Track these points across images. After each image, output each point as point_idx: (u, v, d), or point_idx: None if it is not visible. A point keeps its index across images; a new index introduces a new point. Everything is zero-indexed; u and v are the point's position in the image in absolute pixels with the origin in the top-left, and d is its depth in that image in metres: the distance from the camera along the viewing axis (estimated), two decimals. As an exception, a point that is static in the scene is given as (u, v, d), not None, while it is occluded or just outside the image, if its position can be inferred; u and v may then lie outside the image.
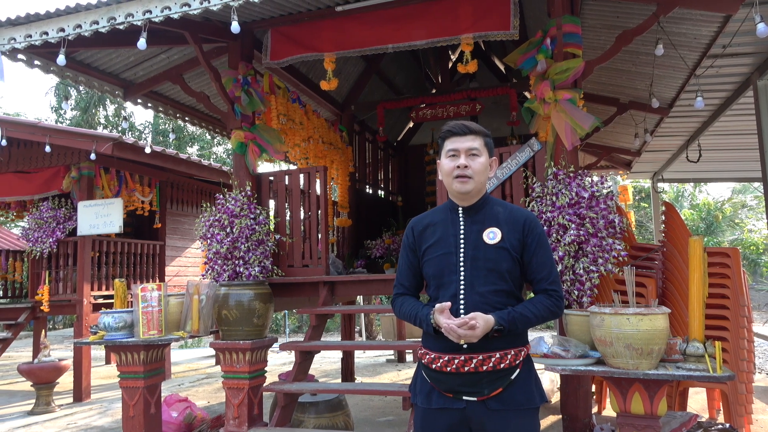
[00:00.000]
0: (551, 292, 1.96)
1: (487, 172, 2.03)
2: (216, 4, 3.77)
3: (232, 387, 4.27)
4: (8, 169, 7.64)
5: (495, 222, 1.99)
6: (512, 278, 1.96)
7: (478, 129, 2.03)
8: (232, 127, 4.98)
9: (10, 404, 7.12)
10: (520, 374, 1.93)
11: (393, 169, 9.12)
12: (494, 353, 1.89)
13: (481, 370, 1.88)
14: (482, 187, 2.04)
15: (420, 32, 4.48)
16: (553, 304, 1.95)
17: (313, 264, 4.93)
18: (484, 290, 1.92)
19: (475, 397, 1.89)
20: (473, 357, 1.88)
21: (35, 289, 7.41)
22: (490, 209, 2.03)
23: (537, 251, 1.97)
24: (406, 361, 9.40)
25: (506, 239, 1.96)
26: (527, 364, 1.97)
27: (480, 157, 2.00)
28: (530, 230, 1.98)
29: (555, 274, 1.99)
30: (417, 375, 2.08)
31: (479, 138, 2.02)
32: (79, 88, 17.80)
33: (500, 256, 1.94)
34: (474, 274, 1.93)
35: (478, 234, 1.98)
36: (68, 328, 18.69)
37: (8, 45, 4.28)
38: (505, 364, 1.89)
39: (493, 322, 1.85)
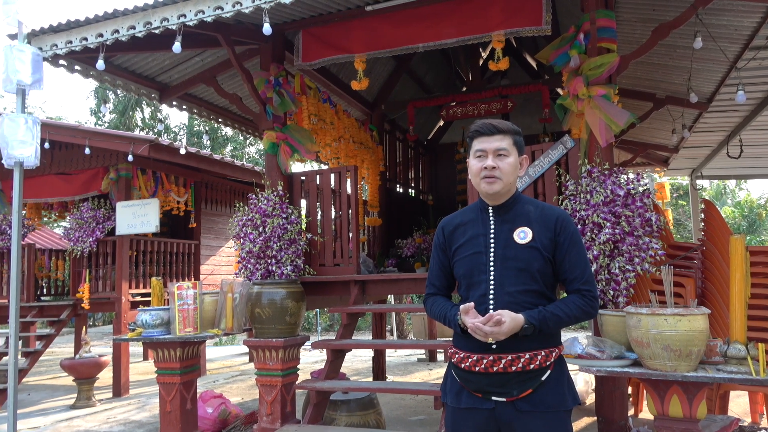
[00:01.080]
0: (585, 292, 1.91)
1: (516, 172, 1.99)
2: (248, 6, 3.83)
3: (265, 384, 4.33)
4: (50, 171, 7.90)
5: (526, 221, 1.96)
6: (543, 278, 1.92)
7: (506, 128, 1.99)
8: (264, 127, 5.05)
9: (54, 398, 7.37)
10: (552, 375, 1.89)
11: (423, 167, 9.09)
12: (524, 354, 1.86)
13: (510, 370, 1.85)
14: (512, 187, 2.00)
15: (450, 30, 4.46)
16: (586, 304, 1.90)
17: (344, 263, 4.95)
18: (514, 290, 1.90)
19: (504, 398, 1.87)
20: (502, 357, 1.86)
21: (76, 287, 7.65)
22: (521, 208, 2.00)
23: (570, 250, 1.93)
24: (437, 361, 9.37)
25: (537, 238, 1.92)
26: (559, 366, 1.93)
27: (508, 157, 1.96)
28: (562, 229, 1.94)
29: (589, 274, 1.94)
30: (447, 374, 2.07)
31: (508, 137, 1.98)
32: (117, 91, 18.31)
33: (531, 256, 1.91)
34: (504, 273, 1.91)
35: (509, 233, 1.95)
36: (108, 325, 19.24)
37: (50, 51, 4.43)
38: (534, 365, 1.86)
39: (522, 320, 1.82)
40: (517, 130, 2.02)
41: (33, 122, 4.17)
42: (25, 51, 4.11)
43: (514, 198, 2.02)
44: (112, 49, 4.50)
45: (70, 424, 5.87)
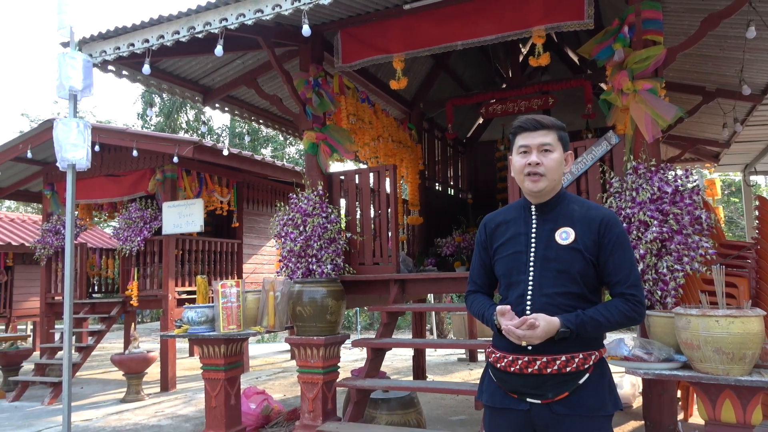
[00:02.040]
0: (629, 296, 1.83)
1: (561, 168, 1.93)
2: (287, 8, 3.88)
3: (306, 381, 4.39)
4: (101, 173, 8.21)
5: (569, 221, 1.90)
6: (585, 281, 1.86)
7: (550, 123, 1.93)
8: (303, 128, 5.11)
9: (105, 392, 7.66)
10: (591, 379, 1.83)
11: (463, 166, 9.02)
12: (560, 356, 1.80)
13: (545, 372, 1.80)
14: (556, 184, 1.94)
15: (489, 27, 4.41)
16: (630, 308, 1.82)
17: (383, 262, 4.96)
18: (552, 292, 1.85)
19: (539, 400, 1.82)
20: (537, 358, 1.81)
21: (126, 285, 7.92)
22: (565, 207, 1.93)
23: (614, 252, 1.85)
24: (477, 361, 9.28)
25: (579, 240, 1.86)
26: (600, 369, 1.86)
27: (553, 152, 1.90)
28: (607, 230, 1.86)
29: (635, 278, 1.85)
30: (485, 373, 2.05)
31: (552, 132, 1.91)
32: (162, 95, 18.85)
33: (572, 258, 1.85)
34: (543, 274, 1.87)
35: (551, 233, 1.90)
36: (155, 321, 19.86)
37: (99, 57, 4.60)
38: (571, 368, 1.80)
39: (558, 324, 1.76)
40: (562, 126, 1.96)
41: (84, 126, 4.33)
42: (77, 58, 4.28)
43: (558, 196, 1.95)
44: (158, 54, 4.64)
45: (121, 417, 6.08)
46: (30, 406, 6.86)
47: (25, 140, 8.00)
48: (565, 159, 1.95)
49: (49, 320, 8.62)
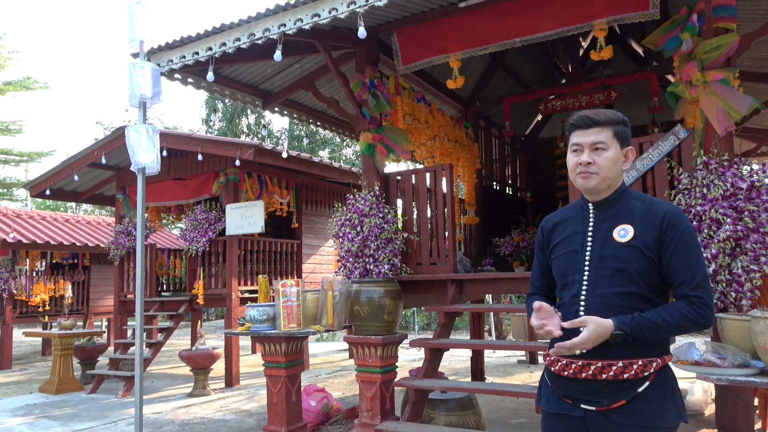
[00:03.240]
0: (693, 298, 1.70)
1: (616, 166, 1.84)
2: (343, 11, 3.93)
3: (365, 380, 4.43)
4: (168, 177, 8.58)
5: (629, 218, 1.81)
6: (645, 280, 1.76)
7: (605, 119, 1.85)
8: (360, 129, 5.16)
9: (173, 386, 8.00)
10: (651, 387, 1.72)
11: (521, 164, 8.85)
12: (616, 361, 1.71)
13: (600, 378, 1.72)
14: (613, 182, 1.86)
15: (549, 22, 4.30)
16: (694, 312, 1.69)
17: (440, 262, 4.94)
18: (608, 292, 1.76)
19: (593, 407, 1.74)
20: (591, 363, 1.73)
21: (192, 284, 8.25)
22: (626, 204, 1.85)
23: (678, 250, 1.73)
24: (538, 363, 9.08)
25: (639, 236, 1.76)
26: (662, 377, 1.75)
27: (607, 150, 1.82)
28: (670, 226, 1.75)
29: (701, 278, 1.72)
30: (542, 376, 1.99)
31: (606, 129, 1.84)
32: (225, 100, 19.51)
33: (631, 256, 1.76)
34: (599, 274, 1.79)
35: (608, 231, 1.82)
36: (219, 319, 20.58)
37: (167, 66, 4.82)
38: (629, 375, 1.71)
39: (611, 327, 1.67)
40: (619, 120, 1.86)
41: (153, 131, 4.55)
42: (146, 67, 4.49)
43: (618, 193, 1.87)
44: (220, 61, 4.81)
45: (188, 411, 6.34)
46: (105, 398, 7.26)
47: (100, 147, 8.48)
48: (625, 154, 1.87)
49: (122, 317, 9.10)
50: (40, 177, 9.48)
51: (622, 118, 1.89)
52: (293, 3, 4.16)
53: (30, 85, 14.07)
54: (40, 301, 10.60)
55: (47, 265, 11.33)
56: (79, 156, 8.78)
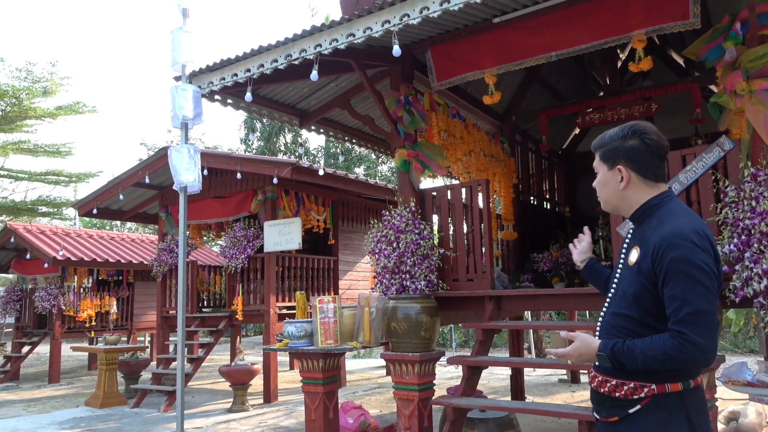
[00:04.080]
0: (675, 333, 1.61)
1: (608, 188, 1.88)
2: (378, 30, 3.99)
3: (402, 398, 4.39)
4: (209, 195, 8.80)
5: (642, 239, 1.79)
6: (642, 306, 1.72)
7: (594, 146, 1.94)
8: (395, 145, 5.19)
9: (213, 401, 8.11)
10: (642, 411, 1.71)
11: (559, 178, 8.72)
12: (611, 378, 1.77)
13: (600, 391, 1.82)
14: (619, 203, 1.88)
15: (585, 35, 4.25)
16: (674, 347, 1.60)
17: (477, 278, 4.89)
18: (611, 312, 1.83)
19: (598, 416, 1.86)
20: (597, 376, 1.83)
21: (231, 300, 8.38)
22: (648, 223, 1.80)
23: (666, 281, 1.65)
24: (580, 383, 8.83)
25: (642, 260, 1.74)
26: (657, 404, 1.70)
27: (598, 176, 1.92)
28: (660, 255, 1.67)
29: (688, 312, 1.60)
30: None
31: (597, 155, 1.93)
32: (263, 120, 19.93)
33: (631, 279, 1.76)
34: (615, 293, 1.85)
35: (628, 250, 1.85)
36: (258, 335, 20.80)
37: (207, 88, 4.97)
38: (620, 394, 1.74)
39: (596, 348, 1.75)
40: (603, 143, 1.90)
41: (194, 151, 4.68)
42: (188, 89, 4.64)
43: (641, 211, 1.84)
44: (258, 82, 4.93)
45: (228, 427, 6.40)
46: (148, 412, 7.41)
47: (144, 167, 8.77)
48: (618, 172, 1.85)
49: (164, 332, 9.30)
50: (88, 197, 9.85)
51: (601, 141, 1.92)
52: (328, 24, 4.25)
53: (79, 109, 14.71)
54: (86, 317, 10.95)
55: (94, 282, 11.72)
56: (124, 176, 9.10)
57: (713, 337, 1.60)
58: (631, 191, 1.84)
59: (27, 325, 11.68)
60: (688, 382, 1.71)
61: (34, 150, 14.65)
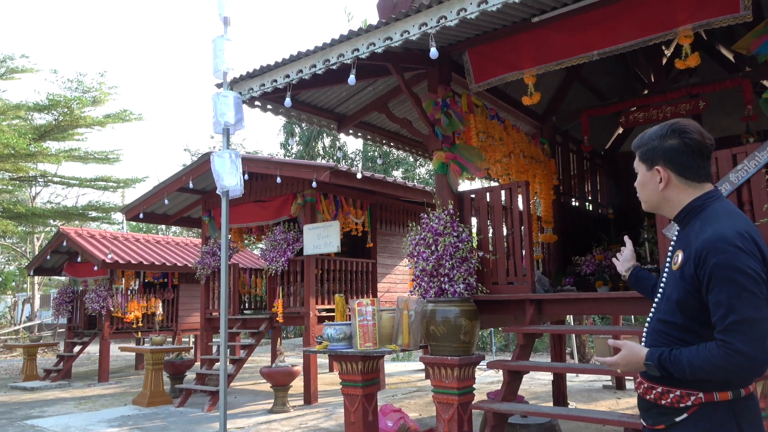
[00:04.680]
0: (720, 342, 1.55)
1: (647, 189, 1.83)
2: (415, 33, 3.99)
3: (442, 402, 4.36)
4: (249, 200, 8.96)
5: (685, 242, 1.71)
6: (685, 312, 1.65)
7: (634, 146, 1.89)
8: (433, 148, 5.17)
9: (255, 402, 8.24)
10: (689, 420, 1.65)
11: (601, 179, 8.51)
12: (657, 386, 1.72)
13: (645, 397, 1.77)
14: (661, 204, 1.82)
15: (629, 32, 4.15)
16: (720, 357, 1.53)
17: (518, 281, 4.82)
18: (657, 317, 1.77)
19: (645, 423, 1.81)
20: (643, 382, 1.79)
21: (272, 302, 8.51)
22: (692, 225, 1.72)
23: (710, 288, 1.57)
24: (626, 389, 8.59)
25: (684, 265, 1.66)
26: (704, 413, 1.63)
27: (638, 176, 1.86)
28: (702, 260, 1.59)
29: (733, 320, 1.53)
30: None
31: (636, 156, 1.87)
32: (302, 125, 20.20)
33: (675, 285, 1.69)
34: (660, 298, 1.79)
35: (673, 254, 1.78)
36: (298, 337, 21.04)
37: (247, 94, 5.07)
38: (666, 402, 1.69)
39: (642, 357, 1.70)
40: (639, 143, 1.85)
41: (236, 156, 4.78)
42: (229, 96, 4.75)
43: (684, 213, 1.76)
44: (297, 87, 5.00)
45: (269, 427, 6.49)
46: (192, 411, 7.59)
47: (187, 172, 9.01)
48: (656, 173, 1.79)
49: (208, 334, 9.51)
50: (135, 201, 10.19)
51: (641, 141, 1.85)
52: (366, 28, 4.28)
53: (127, 117, 15.24)
54: (134, 318, 11.31)
55: (140, 284, 12.10)
56: (168, 181, 9.37)
57: (763, 345, 1.52)
58: (671, 192, 1.77)
59: (78, 325, 12.14)
60: (738, 390, 1.64)
61: (85, 157, 15.25)
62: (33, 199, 20.96)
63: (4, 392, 10.00)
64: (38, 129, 13.86)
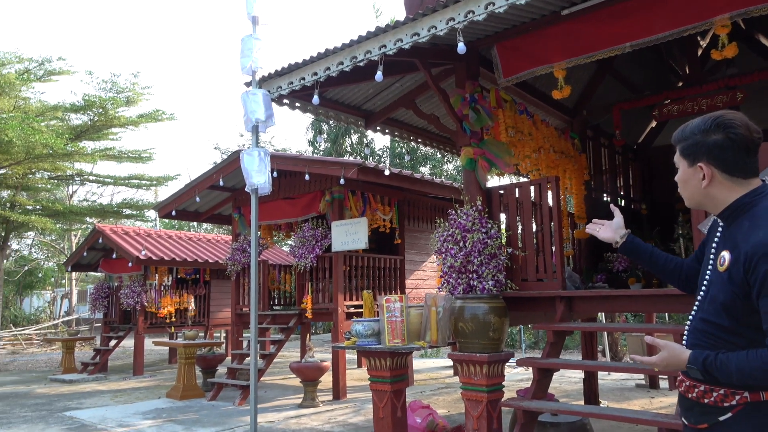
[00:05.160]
0: None
1: (689, 185, 1.73)
2: (442, 29, 3.96)
3: (470, 399, 4.34)
4: (278, 197, 9.05)
5: (732, 242, 1.63)
6: (732, 315, 1.59)
7: (674, 140, 1.79)
8: (461, 144, 5.13)
9: (284, 396, 8.34)
10: (734, 419, 1.60)
11: (634, 174, 8.33)
12: (700, 384, 1.66)
13: (687, 396, 1.72)
14: (705, 201, 1.72)
15: (662, 23, 4.04)
16: None
17: (547, 278, 4.76)
18: (700, 317, 1.70)
19: (686, 422, 1.76)
20: (685, 380, 1.74)
21: (301, 298, 8.59)
22: (739, 224, 1.63)
23: (763, 295, 1.49)
24: (659, 388, 8.41)
25: (732, 266, 1.58)
26: (751, 412, 1.57)
27: (678, 171, 1.77)
28: (753, 267, 1.50)
29: None
30: None
31: (677, 150, 1.78)
32: (329, 122, 20.30)
33: (722, 286, 1.61)
34: (705, 298, 1.70)
35: (717, 253, 1.69)
36: (326, 333, 21.20)
37: (276, 93, 5.11)
38: (709, 400, 1.63)
39: (685, 360, 1.62)
40: (680, 137, 1.74)
41: (264, 154, 4.84)
42: (258, 94, 4.81)
43: (731, 210, 1.67)
44: (325, 85, 5.02)
45: (299, 422, 6.57)
46: (224, 405, 7.72)
47: (218, 171, 9.15)
48: (698, 170, 1.69)
49: (238, 329, 9.66)
50: (167, 199, 10.40)
51: (683, 134, 1.75)
52: (393, 24, 4.27)
53: (159, 116, 15.55)
54: (167, 313, 11.56)
55: (173, 280, 12.35)
56: (199, 179, 9.53)
57: None
58: (715, 189, 1.68)
59: (114, 320, 12.47)
60: None
61: (119, 156, 15.63)
62: (70, 198, 21.59)
63: (44, 384, 10.34)
64: (75, 129, 14.25)
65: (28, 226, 13.89)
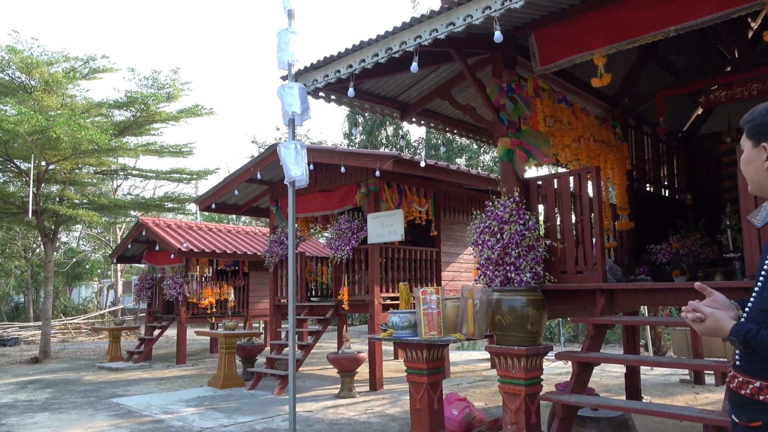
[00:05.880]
0: None
1: (751, 167, 1.66)
2: (478, 17, 3.90)
3: (508, 392, 4.30)
4: (315, 189, 9.13)
5: None
6: None
7: (742, 120, 1.71)
8: (498, 134, 5.06)
9: (322, 387, 8.44)
10: None
11: (678, 163, 8.06)
12: (754, 380, 1.59)
13: (740, 393, 1.65)
14: (765, 182, 1.66)
15: (710, 5, 3.88)
16: None
17: (587, 270, 4.66)
18: (759, 307, 1.62)
19: (738, 420, 1.69)
20: (737, 376, 1.67)
21: (338, 290, 8.66)
22: None
23: None
24: (705, 383, 8.16)
25: None
26: None
27: (744, 153, 1.69)
28: None
29: None
30: None
31: (744, 131, 1.70)
32: (365, 114, 20.34)
33: None
34: (762, 287, 1.63)
35: None
36: (363, 324, 21.33)
37: (312, 86, 5.14)
38: (764, 397, 1.57)
39: (728, 330, 1.60)
40: (748, 118, 1.67)
41: (300, 146, 4.88)
42: (294, 87, 4.84)
43: None
44: (360, 77, 5.02)
45: (336, 411, 6.64)
46: (263, 394, 7.87)
47: (255, 164, 9.28)
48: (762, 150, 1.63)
49: (277, 320, 9.82)
50: (207, 193, 10.62)
51: (757, 113, 1.67)
52: (428, 14, 4.23)
53: (198, 111, 15.85)
54: (208, 304, 11.84)
55: (213, 272, 12.63)
56: (238, 173, 9.69)
57: None
58: None
59: (157, 310, 12.85)
60: None
61: (160, 151, 16.01)
62: (114, 192, 22.29)
63: (92, 372, 10.76)
64: (118, 125, 14.68)
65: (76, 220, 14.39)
